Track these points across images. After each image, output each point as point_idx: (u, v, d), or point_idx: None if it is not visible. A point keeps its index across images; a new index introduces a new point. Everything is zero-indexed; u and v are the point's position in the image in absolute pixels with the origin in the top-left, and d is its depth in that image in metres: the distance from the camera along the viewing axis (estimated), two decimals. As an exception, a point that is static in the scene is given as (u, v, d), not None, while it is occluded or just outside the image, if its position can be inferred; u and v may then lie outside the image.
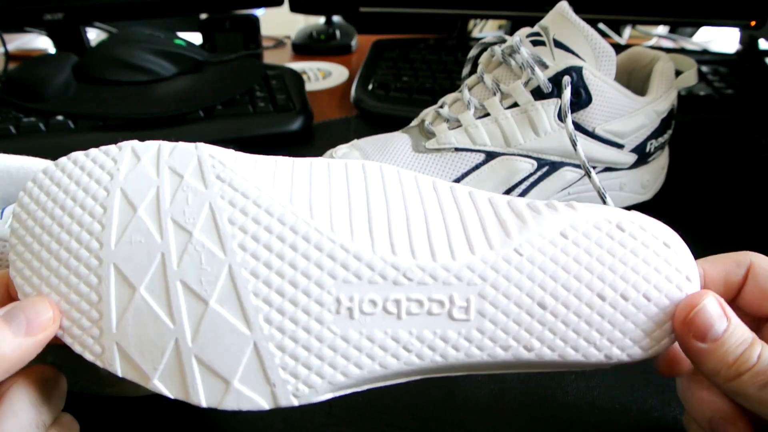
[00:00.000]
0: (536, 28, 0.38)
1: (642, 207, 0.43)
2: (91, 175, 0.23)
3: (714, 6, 0.58)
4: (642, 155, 0.41)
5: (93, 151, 0.24)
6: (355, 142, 0.40)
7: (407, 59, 0.64)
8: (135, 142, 0.24)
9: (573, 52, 0.36)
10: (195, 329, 0.21)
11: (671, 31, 0.85)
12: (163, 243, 0.21)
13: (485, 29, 0.84)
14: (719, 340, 0.21)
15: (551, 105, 0.36)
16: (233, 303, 0.21)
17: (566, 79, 0.36)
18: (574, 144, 0.35)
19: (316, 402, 0.21)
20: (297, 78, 0.61)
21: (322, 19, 0.80)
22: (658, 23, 0.78)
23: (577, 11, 0.37)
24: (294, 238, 0.21)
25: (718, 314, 0.21)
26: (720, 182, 0.47)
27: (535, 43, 0.38)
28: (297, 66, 0.71)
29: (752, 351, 0.20)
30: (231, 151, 0.24)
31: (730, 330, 0.21)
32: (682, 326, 0.21)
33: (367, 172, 0.24)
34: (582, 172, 0.39)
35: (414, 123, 0.41)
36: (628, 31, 0.83)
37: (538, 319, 0.21)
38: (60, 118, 0.50)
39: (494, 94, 0.38)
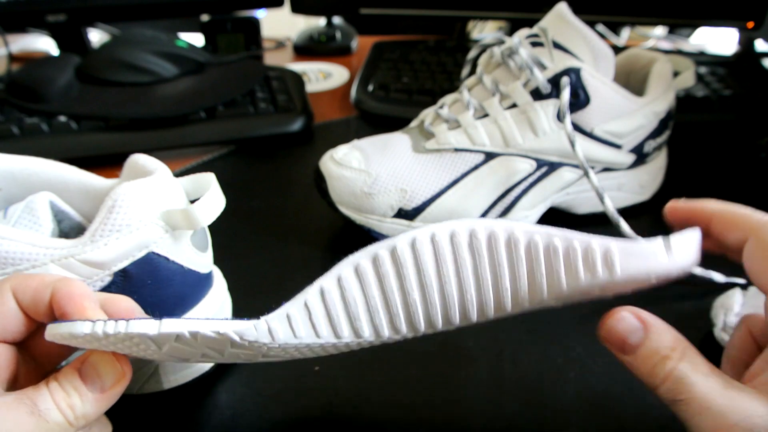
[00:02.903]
0: (535, 30, 0.39)
1: (640, 207, 0.44)
2: None
3: (712, 7, 0.59)
4: (640, 156, 0.41)
5: None
6: (355, 142, 0.40)
7: (407, 60, 0.64)
8: None
9: (572, 54, 0.37)
10: None
11: (669, 32, 0.85)
12: None
13: (484, 31, 0.84)
14: (635, 354, 0.21)
15: (550, 106, 0.37)
16: None
17: (565, 80, 0.36)
18: (572, 144, 0.35)
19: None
20: (298, 79, 0.61)
21: (322, 21, 0.81)
22: (656, 24, 0.78)
23: (575, 12, 0.38)
24: None
25: (630, 328, 0.21)
26: (718, 183, 0.47)
27: (534, 45, 0.38)
28: (298, 67, 0.72)
29: (662, 366, 0.20)
30: None
31: (645, 343, 0.21)
32: (605, 342, 0.22)
33: None
34: (581, 172, 0.39)
35: (414, 124, 0.42)
36: (626, 33, 0.83)
37: None
38: (63, 119, 0.51)
39: (493, 95, 0.38)
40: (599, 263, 0.20)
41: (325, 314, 0.21)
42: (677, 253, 0.21)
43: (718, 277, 0.35)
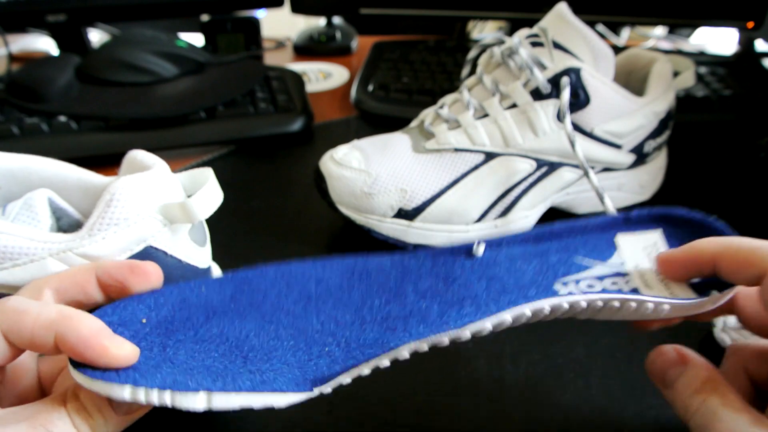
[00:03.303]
0: (535, 30, 0.39)
1: (640, 207, 0.44)
2: None
3: (712, 7, 0.59)
4: (640, 156, 0.41)
5: None
6: (355, 142, 0.40)
7: (407, 60, 0.65)
8: None
9: (572, 54, 0.37)
10: None
11: (669, 32, 0.85)
12: None
13: (484, 31, 0.84)
14: (673, 387, 0.22)
15: (550, 106, 0.37)
16: None
17: (565, 80, 0.36)
18: (572, 144, 0.35)
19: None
20: (298, 79, 0.61)
21: (322, 21, 0.81)
22: (656, 24, 0.78)
23: (575, 12, 0.38)
24: None
25: (670, 361, 0.23)
26: (718, 183, 0.47)
27: (534, 45, 0.38)
28: (298, 67, 0.72)
29: (694, 399, 0.21)
30: None
31: (681, 378, 0.22)
32: (650, 376, 0.24)
33: None
34: (581, 172, 0.39)
35: (414, 124, 0.42)
36: (626, 33, 0.83)
37: None
38: (63, 118, 0.51)
39: (493, 95, 0.38)
40: (652, 314, 0.24)
41: None
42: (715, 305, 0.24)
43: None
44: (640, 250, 0.26)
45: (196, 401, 0.20)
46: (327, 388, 0.22)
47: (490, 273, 0.25)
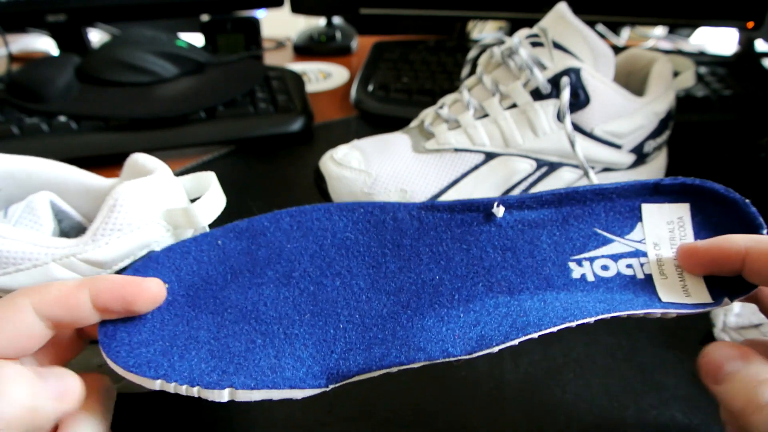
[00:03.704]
0: (535, 30, 0.39)
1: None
2: None
3: (712, 7, 0.59)
4: (640, 156, 0.41)
5: None
6: (355, 142, 0.40)
7: (407, 60, 0.65)
8: None
9: (571, 54, 0.37)
10: None
11: (669, 32, 0.85)
12: None
13: (484, 31, 0.84)
14: (730, 382, 0.21)
15: (550, 106, 0.37)
16: None
17: (565, 80, 0.36)
18: (572, 144, 0.35)
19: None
20: (298, 79, 0.61)
21: (322, 21, 0.81)
22: (656, 24, 0.78)
23: (575, 12, 0.38)
24: None
25: (728, 355, 0.21)
26: (718, 183, 0.47)
27: (534, 45, 0.38)
28: (298, 67, 0.72)
29: (759, 392, 0.19)
30: None
31: (743, 370, 0.21)
32: (702, 370, 0.22)
33: None
34: (581, 172, 0.39)
35: (414, 124, 0.42)
36: (626, 33, 0.83)
37: None
38: (63, 119, 0.51)
39: (493, 95, 0.38)
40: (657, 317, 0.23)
41: None
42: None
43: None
44: (663, 224, 0.25)
45: (221, 396, 0.21)
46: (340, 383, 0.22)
47: (505, 242, 0.25)
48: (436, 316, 0.23)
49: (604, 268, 0.24)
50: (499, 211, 0.25)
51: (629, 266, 0.24)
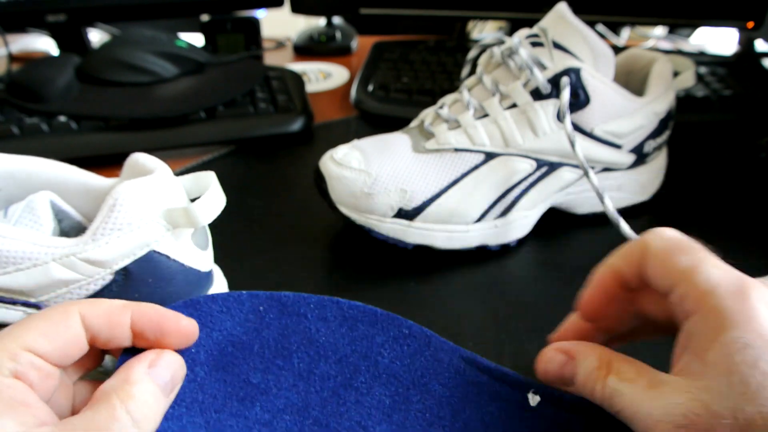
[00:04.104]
0: (535, 30, 0.39)
1: (640, 207, 0.44)
2: None
3: (711, 7, 0.59)
4: (640, 156, 0.41)
5: None
6: (355, 142, 0.40)
7: (407, 60, 0.65)
8: None
9: (571, 54, 0.37)
10: None
11: (669, 32, 0.85)
12: None
13: (484, 31, 0.84)
14: (576, 384, 0.23)
15: (550, 106, 0.37)
16: None
17: (565, 80, 0.36)
18: (572, 144, 0.35)
19: None
20: (298, 79, 0.61)
21: (322, 21, 0.81)
22: (656, 24, 0.78)
23: (575, 12, 0.38)
24: None
25: (561, 362, 0.23)
26: (718, 183, 0.47)
27: (534, 45, 0.38)
28: (298, 67, 0.72)
29: (594, 386, 0.21)
30: None
31: (577, 371, 0.22)
32: (550, 384, 0.24)
33: None
34: (581, 172, 0.39)
35: (414, 124, 0.42)
36: (626, 33, 0.83)
37: None
38: (63, 119, 0.51)
39: (493, 95, 0.38)
40: None
41: None
42: None
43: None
44: None
45: None
46: None
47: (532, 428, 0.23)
48: None
49: None
50: (534, 399, 0.24)
51: None
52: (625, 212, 0.41)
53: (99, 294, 0.25)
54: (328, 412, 0.23)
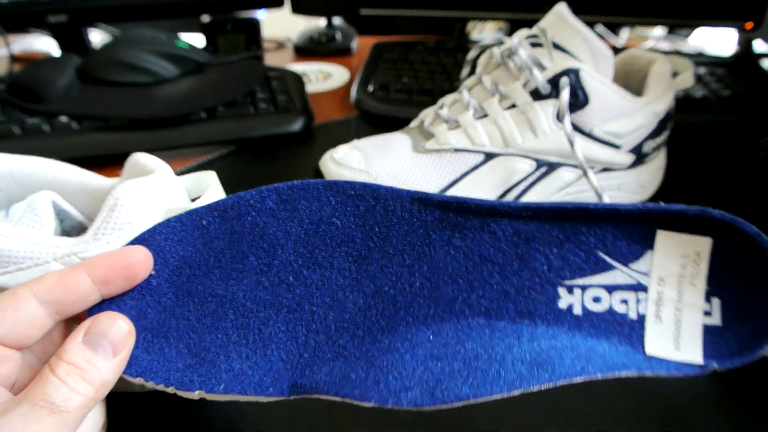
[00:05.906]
0: (535, 30, 0.39)
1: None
2: None
3: (711, 8, 0.59)
4: (639, 156, 0.41)
5: None
6: (355, 142, 0.40)
7: (407, 61, 0.65)
8: None
9: (571, 54, 0.37)
10: None
11: (668, 33, 0.85)
12: None
13: (484, 31, 0.84)
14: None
15: (549, 106, 0.37)
16: None
17: (564, 80, 0.36)
18: (572, 144, 0.36)
19: None
20: (298, 79, 0.61)
21: (322, 21, 0.81)
22: (655, 25, 0.78)
23: (575, 13, 0.38)
24: None
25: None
26: (717, 183, 0.47)
27: (533, 45, 0.38)
28: (298, 67, 0.72)
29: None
30: None
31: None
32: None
33: None
34: (580, 172, 0.39)
35: (413, 124, 0.42)
36: (625, 33, 0.83)
37: None
38: (64, 119, 0.51)
39: (493, 95, 0.38)
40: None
41: None
42: None
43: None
44: (677, 257, 0.22)
45: (193, 396, 0.23)
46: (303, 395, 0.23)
47: (496, 254, 0.23)
48: (404, 336, 0.22)
49: (596, 300, 0.22)
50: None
51: (624, 302, 0.22)
52: (624, 212, 0.41)
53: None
54: (299, 295, 0.23)
